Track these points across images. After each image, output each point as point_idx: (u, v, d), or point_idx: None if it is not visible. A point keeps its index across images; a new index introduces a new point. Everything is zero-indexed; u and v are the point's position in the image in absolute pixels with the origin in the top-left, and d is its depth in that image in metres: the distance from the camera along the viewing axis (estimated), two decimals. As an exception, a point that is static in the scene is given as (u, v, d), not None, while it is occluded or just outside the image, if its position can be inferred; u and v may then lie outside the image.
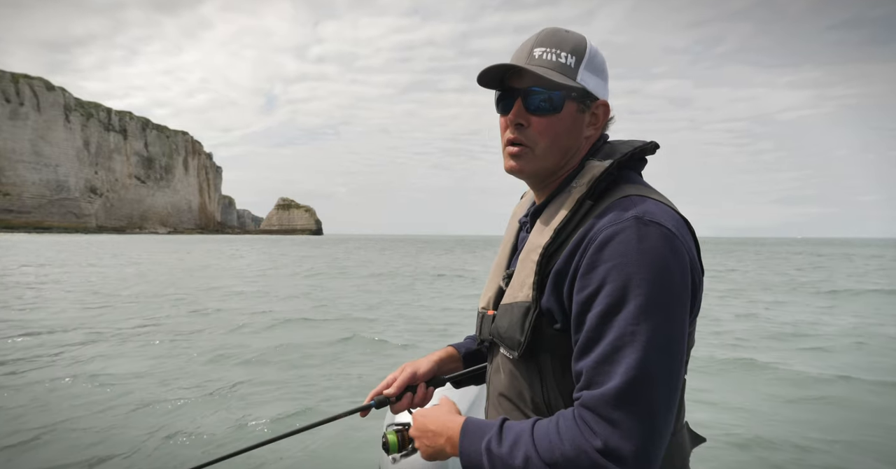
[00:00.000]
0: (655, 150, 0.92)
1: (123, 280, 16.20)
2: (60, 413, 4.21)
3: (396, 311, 10.31)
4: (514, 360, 0.91)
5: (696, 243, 0.85)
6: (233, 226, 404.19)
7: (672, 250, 0.76)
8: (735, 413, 4.33)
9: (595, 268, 0.77)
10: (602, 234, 0.78)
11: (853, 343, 7.28)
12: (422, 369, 1.12)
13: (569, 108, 0.88)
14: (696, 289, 0.81)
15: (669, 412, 0.74)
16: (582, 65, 0.88)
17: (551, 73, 0.87)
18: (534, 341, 0.86)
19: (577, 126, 0.90)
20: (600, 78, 0.91)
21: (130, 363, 5.92)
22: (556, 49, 0.88)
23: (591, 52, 0.90)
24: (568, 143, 0.91)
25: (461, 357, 1.19)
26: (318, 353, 6.56)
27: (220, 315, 9.57)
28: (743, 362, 6.06)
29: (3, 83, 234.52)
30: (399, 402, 1.09)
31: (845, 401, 4.72)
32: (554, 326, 0.84)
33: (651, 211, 0.79)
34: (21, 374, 5.37)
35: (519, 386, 0.92)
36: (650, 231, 0.76)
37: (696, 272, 0.80)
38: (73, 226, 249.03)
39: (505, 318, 0.91)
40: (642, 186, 0.87)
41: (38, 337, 7.24)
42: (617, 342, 0.74)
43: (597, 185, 0.85)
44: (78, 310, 9.97)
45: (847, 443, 3.77)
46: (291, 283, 16.37)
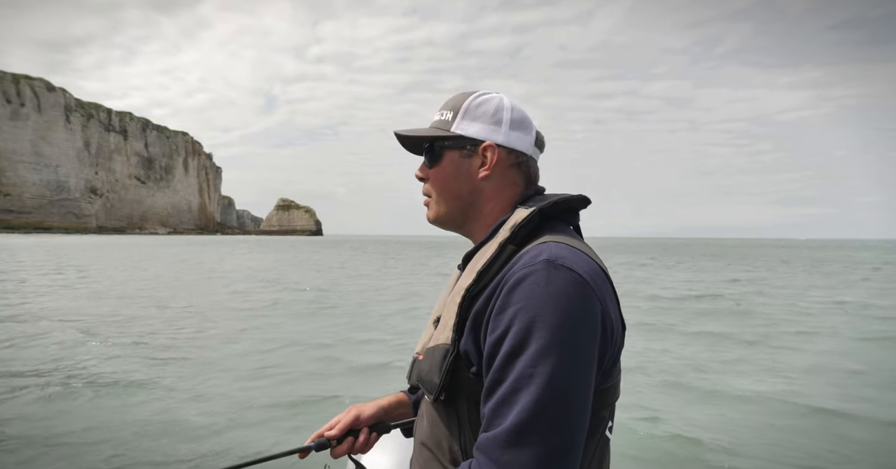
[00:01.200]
0: (586, 205, 0.97)
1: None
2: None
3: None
4: (434, 404, 0.92)
5: (615, 295, 0.87)
6: (232, 226, 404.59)
7: (579, 295, 0.77)
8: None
9: (504, 310, 0.79)
10: (514, 276, 0.80)
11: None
12: (365, 413, 1.11)
13: (449, 156, 0.97)
14: (609, 338, 0.81)
15: (564, 461, 0.73)
16: (458, 116, 0.97)
17: (425, 130, 0.98)
18: (451, 385, 0.87)
19: (463, 170, 0.97)
20: (484, 123, 0.96)
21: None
22: (442, 110, 1.00)
23: (471, 104, 0.97)
24: (457, 187, 0.97)
25: (412, 403, 1.18)
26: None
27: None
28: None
29: (4, 84, 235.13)
30: (339, 446, 1.07)
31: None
32: (471, 370, 0.85)
33: (563, 256, 0.81)
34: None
35: (438, 434, 0.92)
36: (559, 275, 0.78)
37: (608, 321, 0.81)
38: (73, 226, 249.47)
39: (427, 362, 0.92)
40: (564, 235, 0.89)
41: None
42: (515, 384, 0.74)
43: (518, 230, 0.89)
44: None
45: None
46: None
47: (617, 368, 0.87)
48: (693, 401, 5.45)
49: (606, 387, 0.85)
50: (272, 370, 6.42)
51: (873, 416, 4.87)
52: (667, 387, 5.94)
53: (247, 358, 7.05)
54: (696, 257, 44.53)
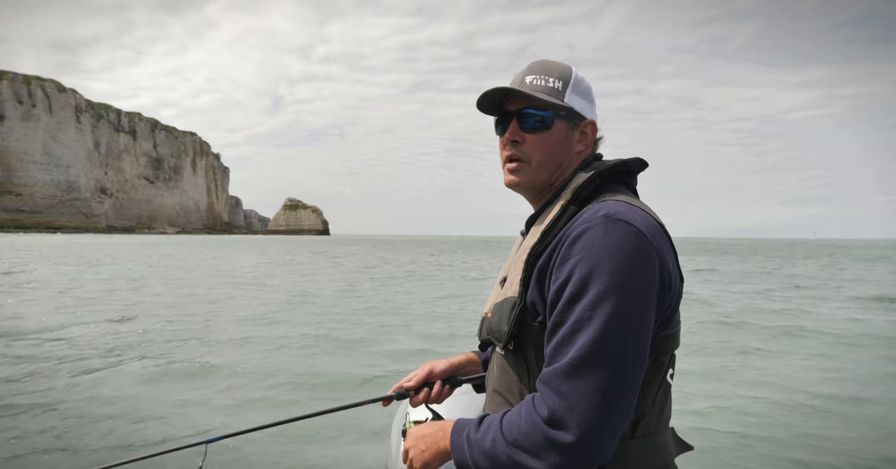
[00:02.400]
0: (643, 167, 1.01)
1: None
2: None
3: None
4: (504, 354, 0.99)
5: (674, 249, 0.92)
6: (240, 226, 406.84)
7: (636, 247, 0.82)
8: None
9: (566, 261, 0.85)
10: (575, 231, 0.87)
11: None
12: (438, 368, 1.22)
13: (558, 125, 0.99)
14: (667, 288, 0.86)
15: (620, 393, 0.78)
16: (569, 88, 1.00)
17: (541, 95, 0.98)
18: (519, 334, 0.94)
19: (568, 142, 1.01)
20: (587, 100, 1.02)
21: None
22: (544, 75, 1.00)
23: (577, 77, 1.02)
24: (560, 157, 1.01)
25: (481, 362, 1.28)
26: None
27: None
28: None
29: (16, 85, 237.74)
30: (417, 396, 1.19)
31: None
32: (537, 320, 0.92)
33: (620, 211, 0.86)
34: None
35: (509, 380, 0.99)
36: (616, 228, 0.83)
37: (665, 272, 0.85)
38: (83, 226, 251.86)
39: (496, 315, 0.99)
40: (622, 194, 0.94)
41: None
42: (574, 326, 0.81)
43: (579, 192, 0.95)
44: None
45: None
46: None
47: (676, 318, 0.92)
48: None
49: (666, 334, 0.90)
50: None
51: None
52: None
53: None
54: (748, 257, 40.16)
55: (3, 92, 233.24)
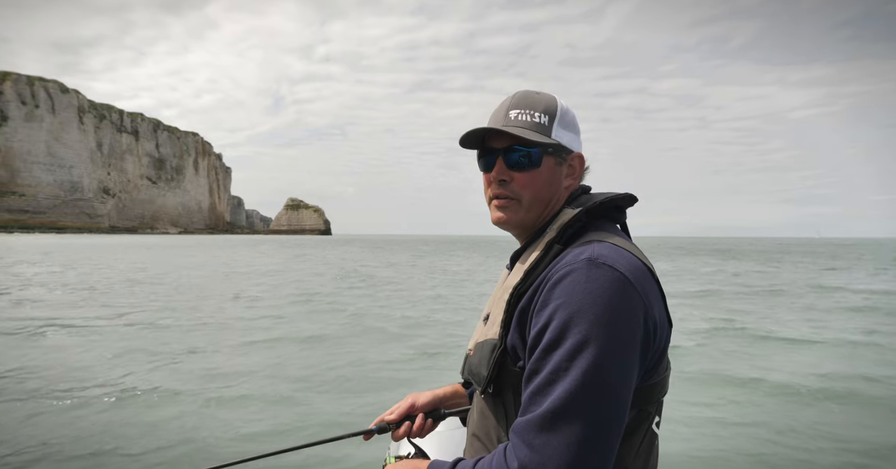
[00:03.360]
0: (633, 202, 0.99)
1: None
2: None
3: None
4: (483, 397, 0.96)
5: (661, 292, 0.88)
6: (241, 226, 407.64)
7: (619, 293, 0.79)
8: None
9: (546, 306, 0.82)
10: (557, 274, 0.83)
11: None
12: (420, 401, 1.18)
13: (547, 162, 0.96)
14: (652, 336, 0.83)
15: (597, 450, 0.74)
16: (555, 122, 0.97)
17: (528, 132, 0.95)
18: (499, 378, 0.91)
19: (556, 178, 0.98)
20: (572, 132, 0.99)
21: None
22: (529, 110, 0.97)
23: (563, 110, 0.98)
24: (549, 194, 0.98)
25: (468, 394, 1.23)
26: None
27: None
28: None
29: (20, 86, 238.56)
30: (398, 430, 1.15)
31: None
32: (517, 364, 0.88)
33: (604, 254, 0.82)
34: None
35: (487, 425, 0.96)
36: (599, 273, 0.80)
37: (650, 319, 0.82)
38: (86, 226, 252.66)
39: (476, 356, 0.96)
40: (609, 234, 0.91)
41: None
42: (550, 376, 0.78)
43: (565, 230, 0.92)
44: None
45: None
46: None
47: (663, 365, 0.88)
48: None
49: (652, 383, 0.86)
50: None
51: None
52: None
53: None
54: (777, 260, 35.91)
55: (7, 93, 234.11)
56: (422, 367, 6.67)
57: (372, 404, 5.09)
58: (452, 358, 7.05)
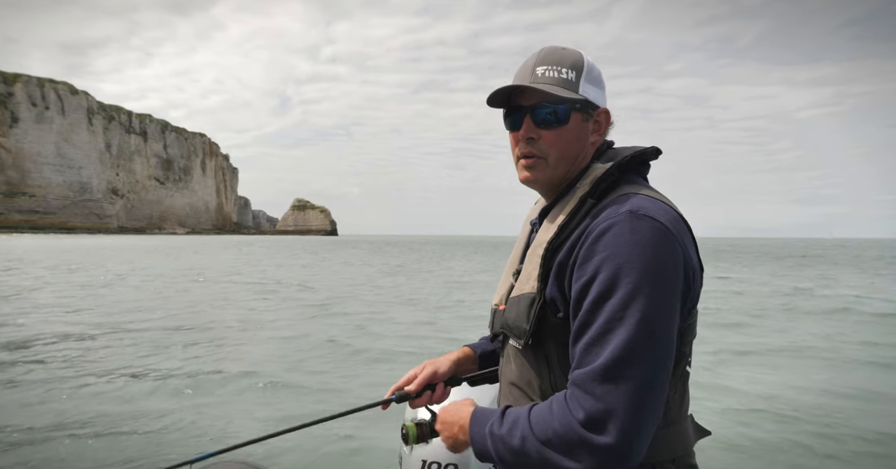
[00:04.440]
0: (658, 155, 1.00)
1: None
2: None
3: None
4: (522, 349, 0.97)
5: (694, 240, 0.91)
6: (248, 226, 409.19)
7: (663, 242, 0.82)
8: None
9: (590, 259, 0.84)
10: (598, 227, 0.85)
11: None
12: (441, 369, 1.19)
13: (574, 118, 0.97)
14: (691, 281, 0.86)
15: (654, 393, 0.79)
16: (582, 78, 0.96)
17: (556, 88, 0.95)
18: (539, 330, 0.93)
19: (584, 134, 0.99)
20: (599, 88, 0.99)
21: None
22: (556, 66, 0.96)
23: (589, 65, 0.98)
24: (576, 151, 0.99)
25: (477, 357, 1.26)
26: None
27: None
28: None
29: (30, 88, 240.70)
30: (419, 399, 1.16)
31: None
32: (557, 315, 0.91)
33: (644, 206, 0.85)
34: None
35: (528, 374, 0.98)
36: (642, 224, 0.82)
37: (689, 265, 0.85)
38: (95, 226, 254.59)
39: (513, 310, 0.98)
40: (642, 186, 0.93)
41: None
42: (605, 326, 0.80)
43: (598, 184, 0.93)
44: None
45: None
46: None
47: (696, 308, 0.92)
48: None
49: (687, 324, 0.90)
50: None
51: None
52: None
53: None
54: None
55: (18, 94, 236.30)
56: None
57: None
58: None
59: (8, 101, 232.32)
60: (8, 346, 7.19)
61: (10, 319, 9.48)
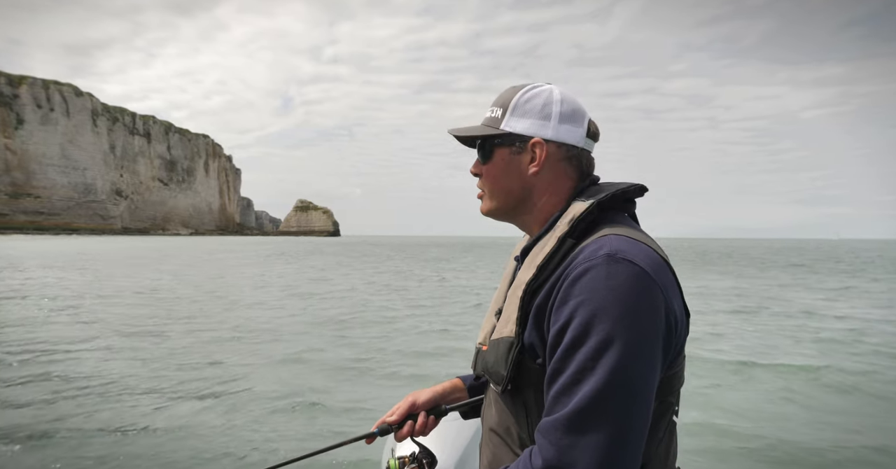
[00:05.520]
0: (643, 193, 0.97)
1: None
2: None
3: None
4: (501, 394, 0.95)
5: (678, 284, 0.88)
6: (251, 227, 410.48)
7: (641, 288, 0.78)
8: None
9: (565, 303, 0.81)
10: (574, 270, 0.82)
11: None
12: (421, 399, 1.18)
13: (500, 153, 0.99)
14: (673, 329, 0.82)
15: (625, 449, 0.74)
16: (507, 113, 0.98)
17: (480, 128, 1.01)
18: (517, 376, 0.90)
19: (514, 167, 0.98)
20: (534, 119, 0.97)
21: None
22: (492, 107, 1.02)
23: (519, 100, 0.98)
24: (508, 183, 0.99)
25: (466, 388, 1.23)
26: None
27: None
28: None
29: (35, 89, 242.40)
30: (401, 430, 1.14)
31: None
32: (536, 361, 0.88)
33: (623, 249, 0.82)
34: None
35: (506, 421, 0.95)
36: (619, 268, 0.79)
37: (671, 312, 0.82)
38: (99, 227, 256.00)
39: (492, 353, 0.95)
40: (624, 226, 0.90)
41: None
42: (576, 375, 0.76)
43: (577, 224, 0.90)
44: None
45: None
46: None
47: (682, 356, 0.88)
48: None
49: (671, 374, 0.86)
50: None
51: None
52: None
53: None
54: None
55: (23, 96, 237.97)
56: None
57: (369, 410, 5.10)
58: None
59: (13, 103, 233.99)
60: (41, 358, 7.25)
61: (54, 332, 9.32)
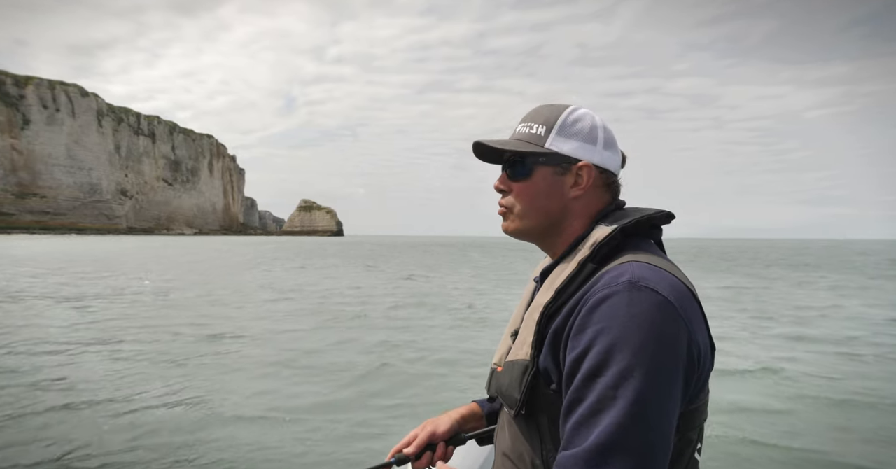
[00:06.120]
0: (670, 220, 0.94)
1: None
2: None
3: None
4: (515, 418, 0.93)
5: (703, 314, 0.84)
6: (255, 227, 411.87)
7: (663, 317, 0.76)
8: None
9: (584, 330, 0.79)
10: (594, 296, 0.80)
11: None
12: (441, 428, 1.14)
13: (541, 172, 0.95)
14: (696, 361, 0.79)
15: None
16: (553, 131, 0.95)
17: (519, 143, 0.96)
18: (531, 401, 0.88)
19: (555, 188, 0.95)
20: (581, 141, 0.95)
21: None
22: (531, 123, 0.97)
23: (566, 120, 0.95)
24: (546, 204, 0.96)
25: (484, 415, 1.20)
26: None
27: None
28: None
29: (41, 90, 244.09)
30: (418, 461, 1.11)
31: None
32: (550, 387, 0.86)
33: (646, 277, 0.79)
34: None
35: (519, 446, 0.93)
36: (641, 296, 0.77)
37: (694, 345, 0.78)
38: (105, 227, 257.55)
39: (506, 376, 0.93)
40: (647, 253, 0.87)
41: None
42: (596, 406, 0.74)
43: (599, 249, 0.88)
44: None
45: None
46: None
47: (705, 390, 0.85)
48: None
49: (693, 408, 0.83)
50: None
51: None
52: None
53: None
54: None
55: (29, 97, 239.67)
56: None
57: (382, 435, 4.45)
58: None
59: (20, 104, 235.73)
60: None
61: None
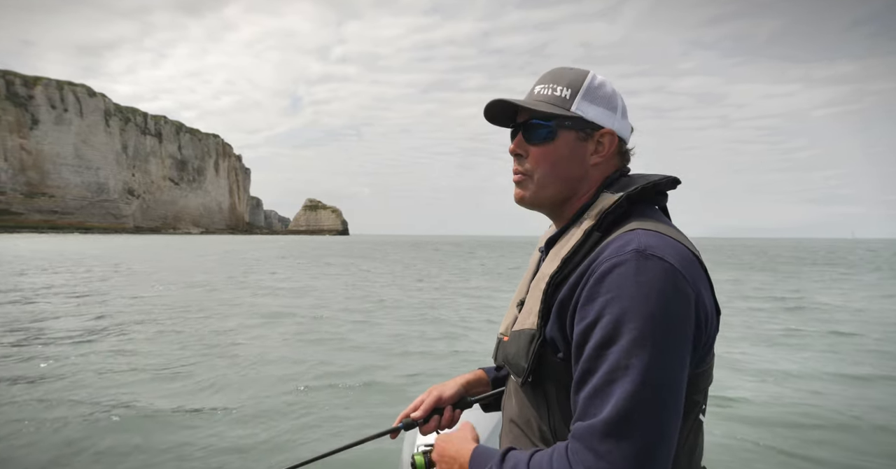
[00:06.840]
0: (676, 185, 0.94)
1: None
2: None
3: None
4: (522, 386, 0.93)
5: (709, 280, 0.85)
6: (260, 226, 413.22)
7: (671, 285, 0.76)
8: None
9: (593, 300, 0.79)
10: (602, 266, 0.80)
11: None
12: (447, 393, 1.16)
13: (564, 137, 0.92)
14: (703, 326, 0.80)
15: (661, 448, 0.73)
16: (578, 95, 0.92)
17: (542, 104, 0.92)
18: (538, 369, 0.89)
19: (578, 154, 0.93)
20: (604, 107, 0.93)
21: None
22: (552, 84, 0.94)
23: (592, 84, 0.93)
24: (567, 171, 0.93)
25: (490, 381, 1.22)
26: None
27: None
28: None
29: (49, 90, 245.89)
30: (426, 425, 1.13)
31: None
32: (557, 355, 0.86)
33: (653, 244, 0.79)
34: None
35: (527, 413, 0.94)
36: (649, 265, 0.77)
37: (702, 309, 0.80)
38: (112, 226, 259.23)
39: (513, 345, 0.94)
40: (653, 221, 0.86)
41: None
42: (609, 375, 0.75)
43: (605, 217, 0.87)
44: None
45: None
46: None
47: (711, 354, 0.87)
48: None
49: (700, 371, 0.84)
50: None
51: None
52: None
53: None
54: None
55: (38, 97, 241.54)
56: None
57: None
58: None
59: (28, 104, 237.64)
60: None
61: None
